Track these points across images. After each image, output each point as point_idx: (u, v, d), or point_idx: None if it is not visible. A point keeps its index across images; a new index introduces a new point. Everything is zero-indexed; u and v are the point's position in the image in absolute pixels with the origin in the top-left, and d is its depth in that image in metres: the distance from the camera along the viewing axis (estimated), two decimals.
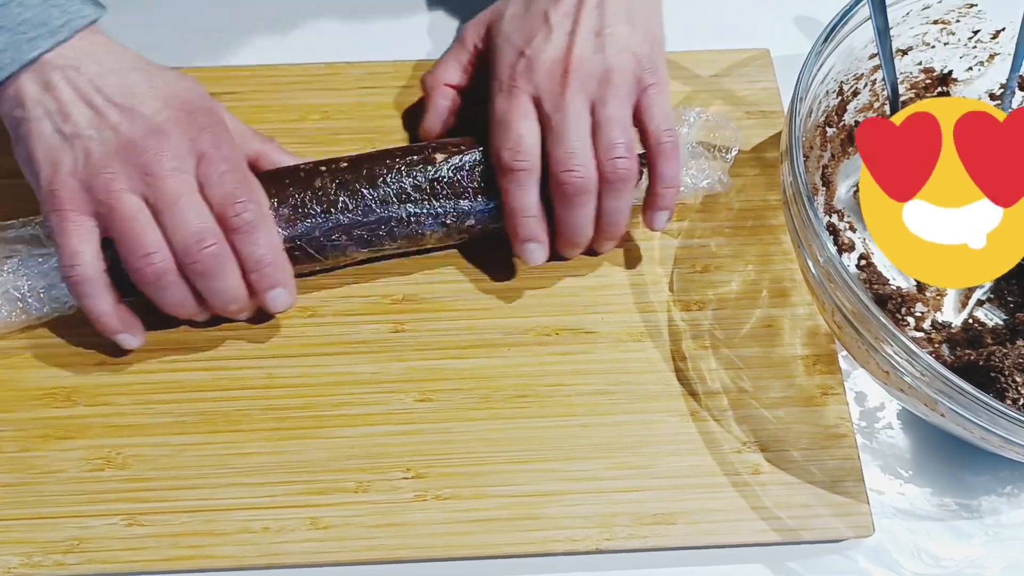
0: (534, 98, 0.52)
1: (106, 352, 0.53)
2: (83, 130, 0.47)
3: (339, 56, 0.64)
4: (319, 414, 0.52)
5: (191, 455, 0.51)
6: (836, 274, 0.46)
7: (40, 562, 0.48)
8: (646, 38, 0.54)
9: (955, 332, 0.56)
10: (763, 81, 0.64)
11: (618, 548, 0.49)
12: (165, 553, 0.48)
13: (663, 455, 0.52)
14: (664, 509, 0.50)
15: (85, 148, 0.47)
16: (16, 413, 0.51)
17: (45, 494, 0.49)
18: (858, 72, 0.58)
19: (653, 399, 0.53)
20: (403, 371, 0.53)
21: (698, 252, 0.58)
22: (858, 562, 0.51)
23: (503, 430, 0.52)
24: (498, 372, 0.53)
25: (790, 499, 0.51)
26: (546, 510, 0.50)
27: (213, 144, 0.49)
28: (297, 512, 0.49)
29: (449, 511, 0.50)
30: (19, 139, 0.48)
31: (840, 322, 0.48)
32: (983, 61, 0.61)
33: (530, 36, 0.53)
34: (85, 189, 0.47)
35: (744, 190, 0.60)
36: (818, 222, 0.47)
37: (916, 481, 0.53)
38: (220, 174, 0.49)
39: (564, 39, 0.53)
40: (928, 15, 0.58)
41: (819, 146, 0.58)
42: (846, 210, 0.60)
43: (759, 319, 0.56)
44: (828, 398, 0.54)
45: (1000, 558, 0.52)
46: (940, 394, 0.45)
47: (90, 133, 0.47)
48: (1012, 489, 0.53)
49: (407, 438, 0.51)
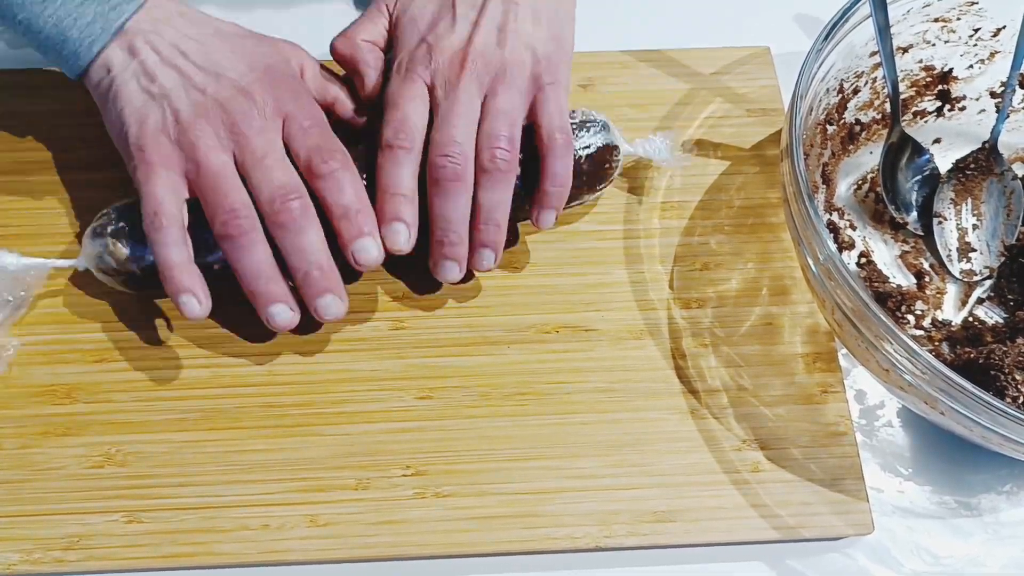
0: (428, 85, 0.52)
1: (107, 349, 0.53)
2: (170, 90, 0.49)
3: None
4: (319, 411, 0.52)
5: (191, 452, 0.51)
6: (836, 272, 0.46)
7: (40, 559, 0.48)
8: (551, 38, 0.53)
9: (955, 330, 0.56)
10: (763, 79, 0.64)
11: (618, 546, 0.50)
12: (165, 550, 0.48)
13: (663, 453, 0.52)
14: (664, 507, 0.50)
15: (173, 107, 0.48)
16: (16, 410, 0.51)
17: (45, 491, 0.49)
18: (859, 70, 0.58)
19: (653, 397, 0.53)
20: (403, 368, 0.53)
21: (698, 250, 0.58)
22: (857, 560, 0.51)
23: (503, 427, 0.52)
24: (498, 369, 0.53)
25: (790, 497, 0.51)
26: (546, 508, 0.50)
27: (296, 104, 0.50)
28: (297, 509, 0.49)
29: (449, 508, 0.50)
30: (108, 102, 0.50)
31: (840, 320, 0.48)
32: (984, 59, 0.61)
33: (434, 22, 0.53)
34: (174, 145, 0.48)
35: (744, 188, 0.60)
36: (818, 220, 0.47)
37: (916, 479, 0.53)
38: (305, 130, 0.49)
39: (467, 29, 0.52)
40: (929, 13, 0.58)
41: (819, 144, 0.58)
42: (846, 208, 0.60)
43: (759, 317, 0.56)
44: (828, 396, 0.54)
45: (999, 556, 0.52)
46: (940, 392, 0.45)
47: (178, 93, 0.49)
48: (1012, 487, 0.53)
49: (407, 435, 0.52)
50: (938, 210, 0.60)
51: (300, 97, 0.51)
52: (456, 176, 0.50)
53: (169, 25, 0.50)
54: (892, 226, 0.60)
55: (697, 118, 0.62)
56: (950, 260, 0.59)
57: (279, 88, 0.50)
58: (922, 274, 0.58)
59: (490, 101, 0.52)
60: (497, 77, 0.52)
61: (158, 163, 0.48)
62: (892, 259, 0.59)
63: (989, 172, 0.60)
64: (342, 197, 0.49)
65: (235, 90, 0.49)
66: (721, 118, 0.62)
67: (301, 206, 0.48)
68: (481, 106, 0.52)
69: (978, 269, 0.59)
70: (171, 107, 0.48)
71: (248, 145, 0.48)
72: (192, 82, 0.49)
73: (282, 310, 0.49)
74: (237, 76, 0.49)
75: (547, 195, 0.52)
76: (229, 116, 0.48)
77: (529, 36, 0.53)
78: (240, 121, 0.48)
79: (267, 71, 0.50)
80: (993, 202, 0.60)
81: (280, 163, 0.49)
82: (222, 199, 0.48)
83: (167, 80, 0.49)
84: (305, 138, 0.49)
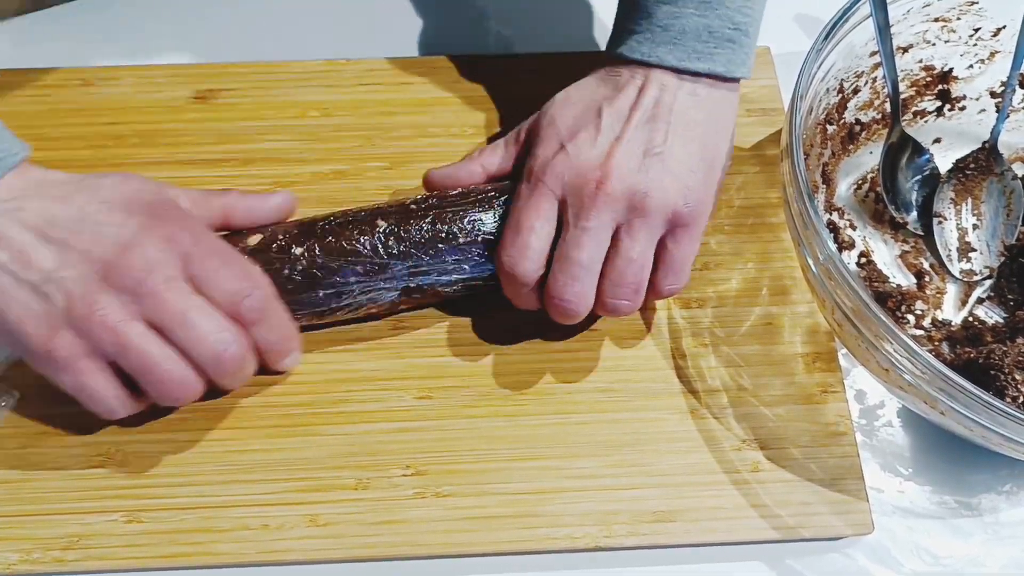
0: (560, 199, 0.49)
1: None
2: (52, 271, 0.42)
3: (338, 53, 0.64)
4: (319, 411, 0.52)
5: (191, 452, 0.51)
6: (836, 272, 0.46)
7: (39, 558, 0.48)
8: (703, 162, 0.50)
9: (955, 330, 0.56)
10: (763, 78, 0.64)
11: (617, 546, 0.49)
12: (164, 550, 0.48)
13: (663, 453, 0.52)
14: (664, 507, 0.50)
15: (63, 290, 0.42)
16: (16, 410, 0.51)
17: (45, 490, 0.49)
18: (859, 70, 0.58)
19: (653, 397, 0.53)
20: (403, 368, 0.53)
21: (698, 250, 0.58)
22: (857, 560, 0.51)
23: (503, 427, 0.52)
24: (498, 369, 0.53)
25: (790, 497, 0.51)
26: (546, 507, 0.50)
27: (192, 239, 0.45)
28: (296, 509, 0.49)
29: (449, 508, 0.50)
30: None
31: (840, 320, 0.48)
32: (984, 59, 0.61)
33: (576, 129, 0.50)
34: (83, 336, 0.43)
35: (744, 188, 0.60)
36: (818, 220, 0.47)
37: (915, 479, 0.53)
38: (214, 271, 0.45)
39: (608, 144, 0.49)
40: (929, 12, 0.58)
41: (819, 144, 0.58)
42: (846, 208, 0.60)
43: (759, 317, 0.56)
44: (828, 396, 0.54)
45: (999, 556, 0.52)
46: (940, 392, 0.45)
47: (62, 273, 0.42)
48: (1011, 487, 0.53)
49: (407, 435, 0.51)
50: (938, 210, 0.60)
51: (191, 228, 0.46)
52: (571, 316, 0.50)
53: (34, 195, 0.44)
54: (892, 226, 0.60)
55: None
56: (950, 260, 0.59)
57: (167, 227, 0.45)
58: (922, 274, 0.58)
59: (623, 238, 0.49)
60: (634, 209, 0.48)
61: (77, 361, 0.43)
62: (892, 259, 0.59)
63: (989, 172, 0.60)
64: (271, 335, 0.47)
65: (121, 246, 0.43)
66: None
67: (240, 351, 0.45)
68: (613, 235, 0.49)
69: (978, 269, 0.59)
70: (60, 290, 0.42)
71: (161, 307, 0.43)
72: (72, 252, 0.43)
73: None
74: (117, 228, 0.44)
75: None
76: (127, 278, 0.43)
77: (676, 161, 0.49)
78: (141, 280, 0.43)
79: (148, 212, 0.45)
80: (993, 202, 0.60)
81: (202, 314, 0.44)
82: (161, 378, 0.44)
83: (44, 260, 0.42)
84: (219, 282, 0.45)
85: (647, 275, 0.50)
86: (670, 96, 0.50)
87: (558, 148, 0.50)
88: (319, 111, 0.61)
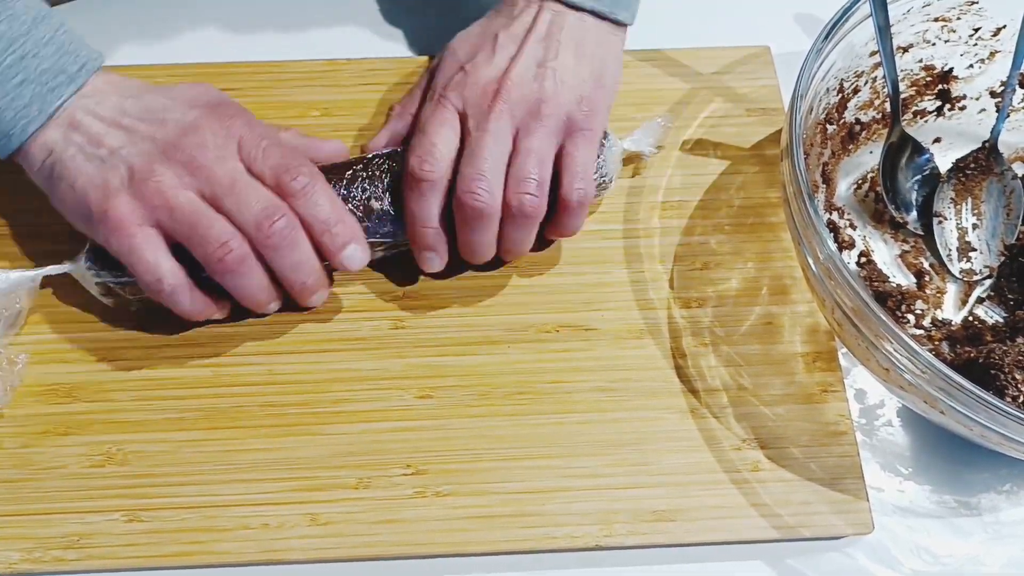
0: (460, 113, 0.52)
1: (107, 348, 0.53)
2: (119, 148, 0.48)
3: (339, 53, 0.64)
4: (319, 411, 0.52)
5: (191, 451, 0.51)
6: (836, 271, 0.46)
7: (40, 558, 0.48)
8: (592, 76, 0.53)
9: (955, 329, 0.56)
10: (764, 78, 0.64)
11: (617, 545, 0.50)
12: (165, 549, 0.48)
13: (663, 452, 0.52)
14: (664, 506, 0.50)
15: (127, 163, 0.47)
16: (17, 409, 0.51)
17: (45, 490, 0.49)
18: (859, 69, 0.58)
19: (653, 396, 0.53)
20: (403, 368, 0.53)
21: (698, 249, 0.58)
22: (857, 559, 0.51)
23: (503, 427, 0.52)
24: (498, 369, 0.54)
25: (790, 496, 0.51)
26: (546, 507, 0.50)
27: (247, 126, 0.49)
28: (297, 508, 0.49)
29: (449, 507, 0.50)
30: (56, 181, 0.48)
31: (840, 319, 0.48)
32: (984, 58, 0.61)
33: (473, 52, 0.53)
34: (139, 200, 0.47)
35: (744, 187, 0.60)
36: (818, 219, 0.47)
37: (916, 478, 0.53)
38: (263, 149, 0.49)
39: (505, 61, 0.52)
40: (929, 12, 0.58)
41: (819, 143, 0.58)
42: (846, 207, 0.60)
43: (759, 316, 0.56)
44: (828, 395, 0.54)
45: (999, 555, 0.52)
46: (940, 391, 0.45)
47: (127, 149, 0.48)
48: (1011, 487, 0.53)
49: (407, 435, 0.52)
50: (938, 210, 0.60)
51: (248, 120, 0.50)
52: (481, 214, 0.50)
53: (109, 93, 0.49)
54: (892, 226, 0.60)
55: (697, 118, 0.62)
56: (950, 259, 0.59)
57: (225, 117, 0.49)
58: (922, 273, 0.58)
59: (522, 138, 0.51)
60: (531, 113, 0.51)
61: (129, 224, 0.47)
62: (892, 259, 0.59)
63: (989, 172, 0.60)
64: (319, 212, 0.49)
65: (182, 129, 0.48)
66: (721, 118, 0.62)
67: (287, 223, 0.48)
68: (513, 140, 0.51)
69: (978, 268, 0.59)
70: (124, 163, 0.47)
71: (212, 177, 0.47)
72: (139, 134, 0.48)
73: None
74: (181, 116, 0.49)
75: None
76: (184, 154, 0.47)
77: (569, 73, 0.52)
78: (196, 156, 0.47)
79: (209, 106, 0.50)
80: (993, 201, 0.60)
81: (251, 186, 0.48)
82: (205, 234, 0.47)
83: (114, 140, 0.48)
84: (266, 158, 0.49)
85: (548, 172, 0.52)
86: (561, 19, 0.54)
87: (457, 69, 0.53)
88: (320, 111, 0.61)
